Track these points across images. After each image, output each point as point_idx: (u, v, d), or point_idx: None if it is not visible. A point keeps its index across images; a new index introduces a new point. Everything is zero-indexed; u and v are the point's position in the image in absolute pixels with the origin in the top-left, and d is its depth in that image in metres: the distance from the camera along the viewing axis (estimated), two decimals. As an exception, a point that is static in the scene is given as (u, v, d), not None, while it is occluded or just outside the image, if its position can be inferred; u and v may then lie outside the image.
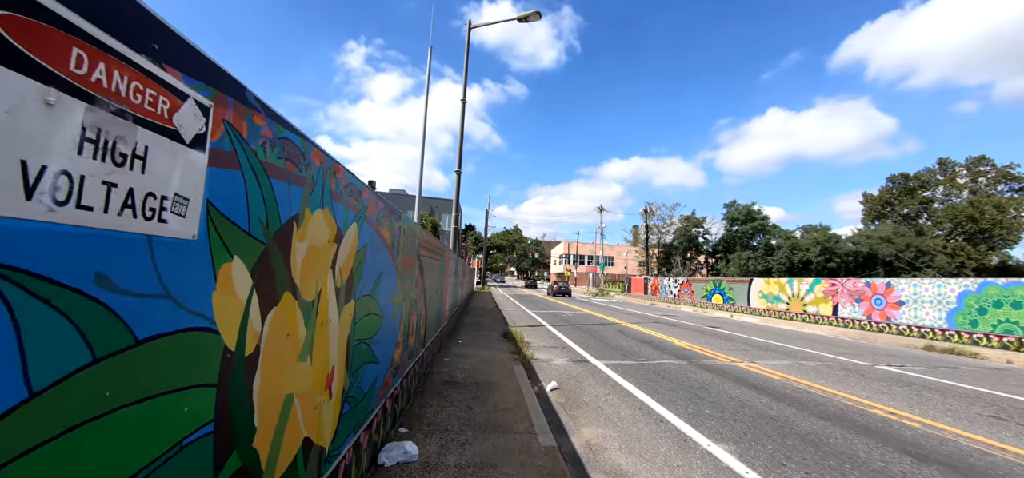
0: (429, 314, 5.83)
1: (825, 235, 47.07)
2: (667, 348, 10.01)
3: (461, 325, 11.73)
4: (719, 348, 10.31)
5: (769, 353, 9.90)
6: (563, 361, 8.10)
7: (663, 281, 32.49)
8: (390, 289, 3.33)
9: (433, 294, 6.20)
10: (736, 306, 23.10)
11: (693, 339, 11.73)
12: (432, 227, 39.46)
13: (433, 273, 6.08)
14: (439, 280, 6.88)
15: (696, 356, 9.12)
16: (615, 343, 10.48)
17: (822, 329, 16.02)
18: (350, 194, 2.36)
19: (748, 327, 16.12)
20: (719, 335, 12.93)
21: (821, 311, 17.68)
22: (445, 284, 8.15)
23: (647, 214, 49.37)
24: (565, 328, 13.12)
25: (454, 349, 8.06)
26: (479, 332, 10.59)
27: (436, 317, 6.71)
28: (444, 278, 7.79)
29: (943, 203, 55.84)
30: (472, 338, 9.57)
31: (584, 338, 11.10)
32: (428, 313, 5.70)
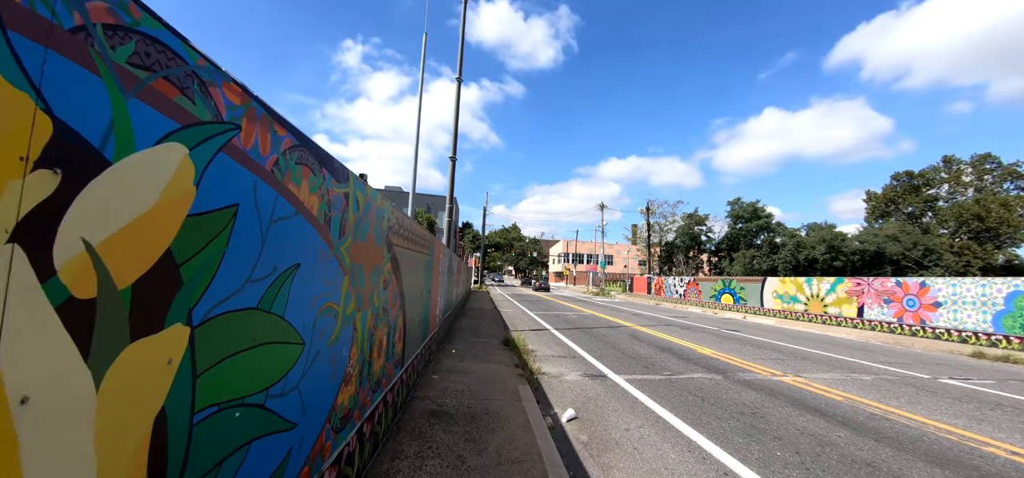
0: (410, 325, 4.48)
1: (831, 233, 46.03)
2: (692, 357, 8.70)
3: (456, 330, 10.39)
4: (750, 357, 9.01)
5: (810, 363, 8.60)
6: (576, 375, 6.77)
7: (668, 280, 31.23)
8: (322, 292, 1.97)
9: (417, 298, 4.85)
10: (748, 307, 21.85)
11: (715, 345, 10.44)
12: (428, 224, 38.04)
13: (416, 270, 4.73)
14: (425, 279, 5.53)
15: (729, 368, 7.81)
16: (631, 351, 9.16)
17: (848, 332, 14.77)
18: (175, 80, 1.02)
19: (768, 330, 14.85)
20: (743, 340, 11.63)
21: (844, 313, 16.44)
22: (435, 284, 6.80)
23: (648, 211, 48.12)
24: (572, 332, 11.80)
25: (446, 362, 6.71)
26: (476, 338, 9.24)
27: (421, 326, 5.36)
28: (433, 277, 6.44)
29: (948, 201, 55.01)
30: (468, 346, 8.23)
31: (595, 345, 9.78)
32: (408, 324, 4.35)
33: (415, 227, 4.63)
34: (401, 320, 3.98)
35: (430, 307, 6.32)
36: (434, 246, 6.33)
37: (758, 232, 46.87)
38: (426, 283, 5.58)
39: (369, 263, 2.79)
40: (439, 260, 7.32)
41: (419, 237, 4.88)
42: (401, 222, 3.87)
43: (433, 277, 6.42)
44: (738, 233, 46.66)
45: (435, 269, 6.68)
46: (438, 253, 7.03)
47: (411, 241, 4.37)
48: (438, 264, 7.13)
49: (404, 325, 4.11)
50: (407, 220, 4.19)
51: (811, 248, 44.57)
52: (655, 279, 33.51)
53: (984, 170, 53.67)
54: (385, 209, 3.26)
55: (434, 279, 6.58)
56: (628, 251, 78.45)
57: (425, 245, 5.38)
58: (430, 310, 6.36)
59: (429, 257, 5.84)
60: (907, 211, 57.23)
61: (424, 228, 7.10)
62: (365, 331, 2.77)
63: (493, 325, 11.80)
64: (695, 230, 49.26)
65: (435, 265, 6.64)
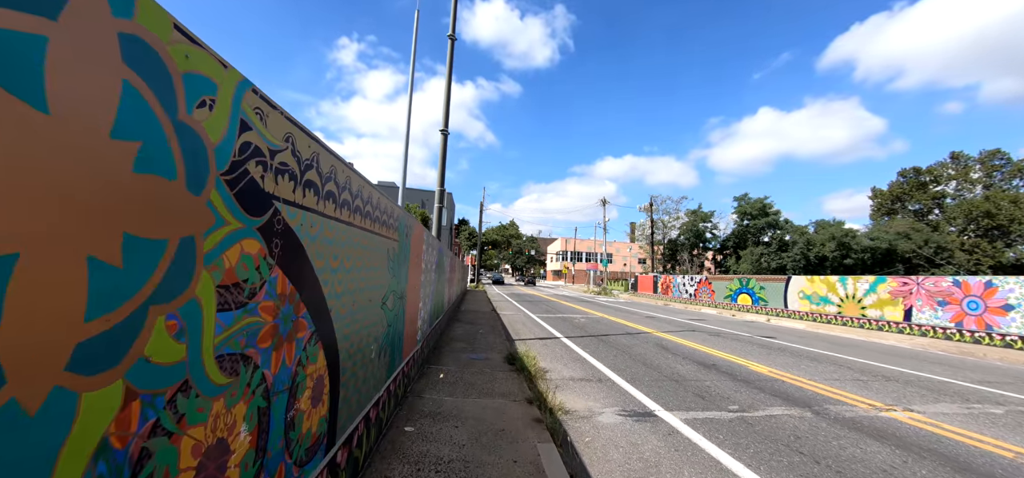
0: (354, 363, 2.50)
1: (840, 230, 44.47)
2: (748, 378, 6.76)
3: (448, 341, 8.39)
4: (819, 376, 7.09)
5: (901, 386, 6.69)
6: (614, 414, 4.81)
7: (676, 279, 29.36)
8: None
9: (371, 312, 2.85)
10: (769, 308, 20.00)
11: (764, 358, 8.52)
12: (421, 219, 35.93)
13: (370, 264, 2.74)
14: (391, 278, 3.52)
15: (808, 396, 5.88)
16: (668, 369, 7.21)
17: (897, 339, 12.91)
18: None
19: (806, 337, 12.96)
20: (791, 352, 9.72)
21: (887, 316, 14.59)
22: (413, 284, 4.80)
23: (651, 208, 46.27)
24: (587, 342, 9.84)
25: (430, 396, 4.73)
26: (472, 353, 7.26)
27: (382, 356, 3.37)
28: (410, 274, 4.43)
29: (955, 198, 53.71)
30: (462, 367, 6.24)
31: (620, 360, 7.82)
32: (348, 365, 2.37)
33: (367, 189, 2.64)
34: (321, 367, 1.98)
35: (406, 319, 4.33)
36: (408, 231, 4.31)
37: (765, 229, 45.18)
38: (393, 283, 3.58)
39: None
40: (421, 254, 5.32)
41: (375, 208, 2.87)
42: (317, 160, 1.87)
43: (410, 275, 4.42)
44: (745, 230, 44.94)
45: (413, 265, 4.67)
46: (418, 243, 5.02)
47: (352, 210, 2.37)
48: (420, 258, 5.13)
49: (329, 374, 2.11)
50: (343, 166, 2.20)
51: (821, 245, 43.01)
52: (662, 278, 31.64)
53: (993, 167, 52.34)
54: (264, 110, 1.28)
55: (412, 277, 4.58)
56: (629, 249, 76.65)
57: (390, 226, 3.37)
58: (406, 324, 4.36)
59: (400, 246, 3.83)
60: (913, 208, 55.95)
61: (420, 222, 5.11)
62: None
63: (492, 334, 9.81)
64: (700, 227, 47.48)
65: (413, 259, 4.64)
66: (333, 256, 2.08)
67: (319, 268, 1.91)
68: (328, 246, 2.01)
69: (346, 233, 2.28)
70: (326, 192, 1.98)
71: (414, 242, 4.66)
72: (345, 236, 2.26)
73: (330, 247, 2.04)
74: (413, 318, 4.89)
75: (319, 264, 1.91)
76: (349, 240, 2.33)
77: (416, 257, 4.85)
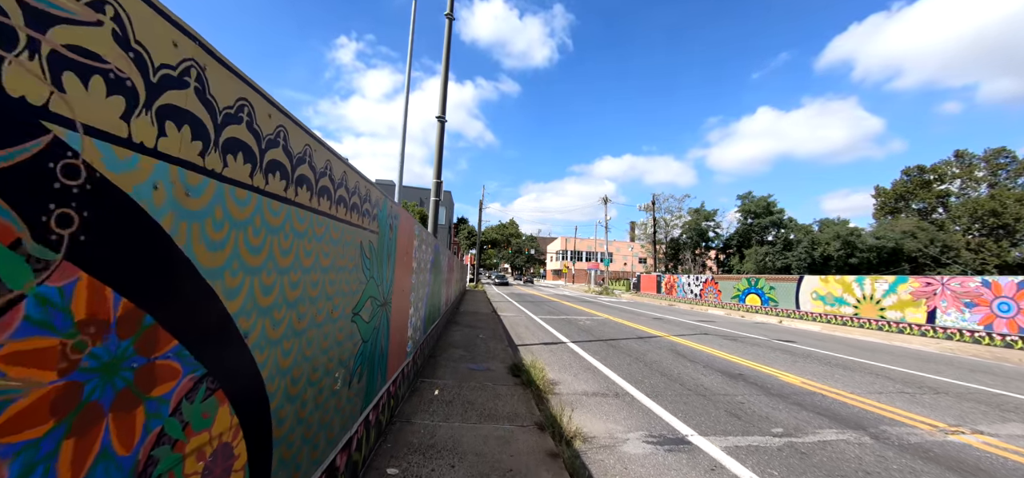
0: (304, 408, 1.71)
1: (845, 229, 43.82)
2: (783, 391, 6.00)
3: (445, 347, 7.62)
4: (860, 388, 6.32)
5: (954, 400, 5.93)
6: (640, 440, 4.04)
7: (680, 279, 28.61)
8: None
9: (326, 333, 2.08)
10: (780, 309, 19.25)
11: (791, 366, 7.76)
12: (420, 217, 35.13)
13: (324, 262, 1.96)
14: (368, 280, 2.74)
15: (856, 414, 5.11)
16: (690, 380, 6.45)
17: (922, 343, 12.16)
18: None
19: (826, 340, 12.20)
20: (820, 359, 8.96)
21: (908, 318, 13.84)
22: (402, 288, 4.02)
23: (654, 206, 45.48)
24: (596, 348, 9.07)
25: (421, 422, 3.95)
26: (472, 363, 6.48)
27: (360, 382, 2.60)
28: (392, 276, 3.65)
29: (960, 197, 53.17)
30: (460, 380, 5.46)
31: (636, 369, 7.05)
32: (295, 410, 1.57)
33: (323, 155, 1.86)
34: (225, 429, 1.20)
35: (391, 329, 3.54)
36: (393, 222, 3.52)
37: (769, 228, 44.46)
38: (371, 286, 2.79)
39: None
40: (412, 251, 4.54)
41: (338, 186, 2.09)
42: (204, 78, 1.08)
43: (397, 275, 3.64)
44: (749, 229, 44.21)
45: (401, 263, 3.89)
46: (407, 237, 4.24)
47: (293, 180, 1.58)
48: (410, 256, 4.35)
49: (247, 435, 1.33)
50: (274, 109, 1.41)
51: (826, 244, 42.36)
52: (666, 277, 30.89)
53: (998, 165, 51.75)
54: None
55: (399, 279, 3.80)
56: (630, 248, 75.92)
57: (365, 213, 2.58)
58: (392, 335, 3.58)
59: (382, 240, 3.05)
60: (917, 207, 55.46)
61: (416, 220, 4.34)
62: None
63: (493, 339, 9.03)
64: (703, 226, 46.73)
65: (401, 256, 3.85)
66: (251, 248, 1.30)
67: (214, 268, 1.14)
68: (237, 230, 1.23)
69: (281, 214, 1.50)
70: (230, 142, 1.20)
71: (402, 236, 3.88)
72: (277, 218, 1.48)
73: (242, 233, 1.26)
74: (401, 327, 4.11)
75: (214, 260, 1.13)
76: (287, 226, 1.55)
77: (405, 254, 4.06)
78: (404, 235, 4.00)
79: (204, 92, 1.10)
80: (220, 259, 1.16)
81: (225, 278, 1.18)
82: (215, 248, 1.14)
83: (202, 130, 1.09)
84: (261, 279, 1.38)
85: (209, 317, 1.12)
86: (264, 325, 1.41)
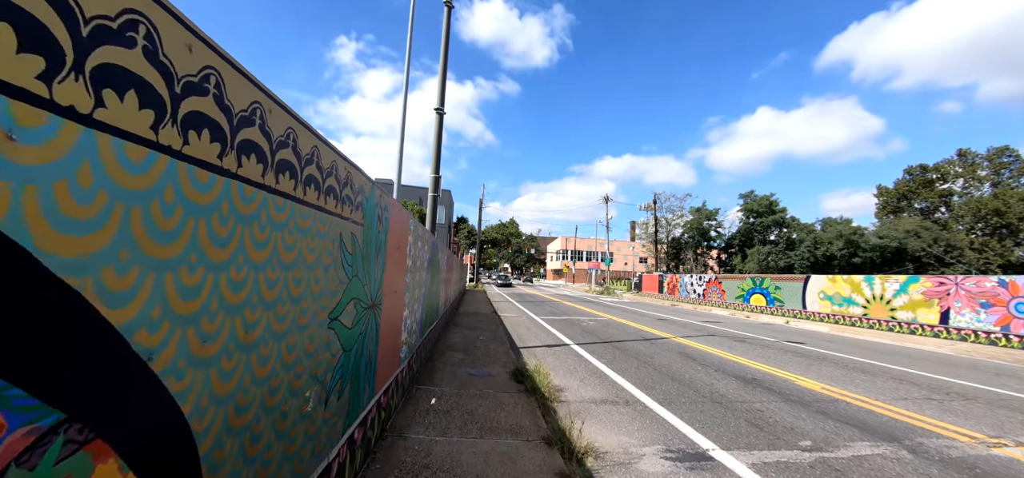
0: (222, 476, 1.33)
1: (848, 228, 43.45)
2: (803, 398, 5.62)
3: (443, 350, 7.24)
4: (883, 394, 5.94)
5: (985, 407, 5.54)
6: (658, 459, 3.65)
7: (683, 278, 28.23)
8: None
9: (292, 343, 1.69)
10: (786, 309, 18.87)
11: (806, 370, 7.38)
12: (419, 216, 34.72)
13: (288, 256, 1.57)
14: (351, 280, 2.35)
15: (891, 426, 4.74)
16: (704, 386, 6.06)
17: (936, 344, 11.79)
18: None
19: (837, 342, 11.83)
20: (835, 362, 8.57)
21: (920, 318, 13.47)
22: (395, 289, 3.63)
23: (655, 205, 45.07)
24: (601, 350, 8.68)
25: (415, 437, 3.57)
26: (472, 367, 6.10)
27: (318, 419, 2.21)
28: (382, 275, 3.27)
29: (962, 196, 52.89)
30: (459, 387, 5.08)
31: (645, 373, 6.67)
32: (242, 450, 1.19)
33: (284, 120, 1.48)
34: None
35: (381, 335, 3.16)
36: (382, 214, 3.14)
37: (772, 227, 44.07)
38: (355, 286, 2.40)
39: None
40: (406, 247, 4.16)
41: (306, 162, 1.70)
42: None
43: (387, 274, 3.25)
44: (751, 228, 43.81)
45: (394, 261, 3.50)
46: (400, 232, 3.85)
47: (232, 146, 1.20)
48: (403, 252, 3.96)
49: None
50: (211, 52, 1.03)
51: (829, 244, 42.01)
52: (669, 277, 30.51)
53: (1001, 164, 51.43)
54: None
55: (391, 278, 3.41)
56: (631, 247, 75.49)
57: (345, 200, 2.19)
58: (382, 341, 3.19)
59: (369, 235, 2.66)
60: (920, 206, 55.21)
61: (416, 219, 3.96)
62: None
63: (494, 341, 8.65)
64: (704, 225, 46.32)
65: (393, 253, 3.46)
66: (156, 232, 0.92)
67: (77, 259, 0.75)
68: (127, 203, 0.85)
69: (214, 189, 1.11)
70: (99, 69, 0.81)
71: (394, 231, 3.49)
72: (207, 195, 1.09)
73: (137, 209, 0.87)
74: (394, 331, 3.72)
75: (76, 247, 0.75)
76: (224, 205, 1.16)
77: (397, 250, 3.68)
78: (397, 230, 3.61)
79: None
80: (92, 245, 0.78)
81: (101, 275, 0.80)
82: (76, 229, 0.75)
83: (77, 71, 0.71)
84: (179, 277, 1.00)
85: (66, 332, 0.74)
86: (184, 340, 1.03)
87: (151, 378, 0.92)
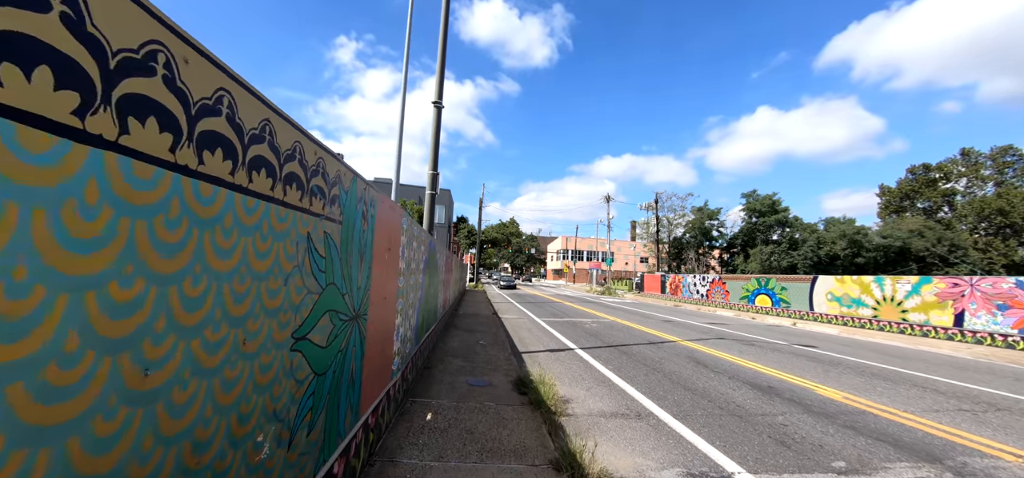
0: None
1: (851, 227, 43.08)
2: (826, 409, 5.23)
3: (441, 356, 6.86)
4: (917, 407, 5.55)
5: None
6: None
7: (686, 279, 27.84)
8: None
9: (223, 381, 1.30)
10: (793, 310, 18.47)
11: (824, 377, 6.99)
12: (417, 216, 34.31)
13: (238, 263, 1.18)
14: (325, 288, 1.96)
15: (926, 442, 4.35)
16: (719, 395, 5.68)
17: (952, 348, 11.41)
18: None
19: (851, 345, 11.44)
20: (855, 368, 8.18)
21: (933, 321, 13.07)
22: (380, 293, 3.24)
23: (657, 204, 44.68)
24: (607, 355, 8.29)
25: (408, 457, 3.18)
26: (471, 376, 5.71)
27: (282, 462, 1.81)
28: (369, 280, 2.88)
29: (966, 196, 52.53)
30: (458, 399, 4.69)
31: (655, 381, 6.28)
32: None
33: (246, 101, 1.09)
34: None
35: (367, 350, 2.76)
36: (367, 209, 2.75)
37: (775, 227, 43.67)
38: (331, 296, 2.01)
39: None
40: (398, 247, 3.77)
41: (267, 146, 1.31)
42: None
43: (375, 278, 2.86)
44: (754, 228, 43.41)
45: (383, 263, 3.11)
46: (390, 232, 3.46)
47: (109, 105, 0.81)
48: (394, 254, 3.58)
49: None
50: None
51: (832, 244, 41.63)
52: (671, 277, 30.12)
53: (1005, 163, 51.05)
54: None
55: (380, 283, 3.02)
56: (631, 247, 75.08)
57: (321, 195, 1.80)
58: (368, 359, 2.80)
59: (347, 235, 2.27)
60: (922, 206, 54.89)
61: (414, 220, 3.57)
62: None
63: (495, 345, 8.26)
64: (706, 225, 45.91)
65: (382, 254, 3.07)
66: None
67: None
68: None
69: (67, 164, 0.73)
70: None
71: (383, 229, 3.10)
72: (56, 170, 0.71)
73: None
74: (384, 341, 3.33)
75: None
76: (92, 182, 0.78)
77: (388, 252, 3.29)
78: (387, 229, 3.22)
79: None
80: None
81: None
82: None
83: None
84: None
85: None
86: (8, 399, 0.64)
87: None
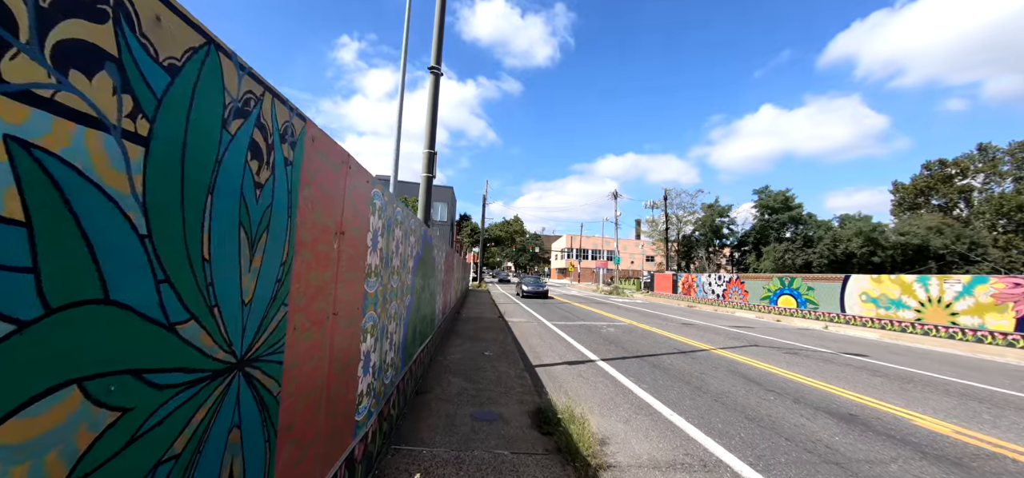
0: None
1: (868, 225, 41.56)
2: (950, 455, 3.94)
3: (439, 375, 5.60)
4: (1053, 445, 4.25)
5: None
6: None
7: (700, 278, 26.49)
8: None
9: None
10: (821, 312, 17.11)
11: (902, 398, 5.69)
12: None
13: None
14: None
15: None
16: (797, 432, 4.39)
17: (1015, 355, 10.05)
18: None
19: (899, 352, 10.10)
20: (938, 387, 6.86)
21: (989, 325, 11.70)
22: (319, 313, 1.98)
23: (665, 202, 43.26)
24: (635, 368, 7.01)
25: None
26: (477, 406, 4.45)
27: None
28: (289, 281, 1.59)
29: (983, 192, 50.90)
30: (460, 446, 3.43)
31: (707, 407, 5.00)
32: None
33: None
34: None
35: (279, 438, 1.51)
36: (292, 147, 1.44)
37: (788, 224, 42.17)
38: (115, 339, 0.76)
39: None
40: (367, 238, 2.50)
41: None
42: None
43: (315, 281, 1.61)
44: (766, 225, 41.91)
45: (333, 259, 1.85)
46: (351, 205, 2.18)
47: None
48: (360, 242, 2.32)
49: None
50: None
51: (847, 241, 40.14)
52: (684, 276, 28.76)
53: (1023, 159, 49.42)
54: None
55: (324, 294, 1.76)
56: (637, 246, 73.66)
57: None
58: (282, 444, 1.54)
59: (234, 178, 1.01)
60: (938, 203, 53.29)
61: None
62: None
63: (503, 358, 6.99)
64: (717, 222, 44.46)
65: (328, 239, 1.81)
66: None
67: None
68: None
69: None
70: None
71: (333, 199, 1.84)
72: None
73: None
74: (340, 383, 2.07)
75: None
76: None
77: (343, 236, 2.02)
78: (336, 194, 1.95)
79: None
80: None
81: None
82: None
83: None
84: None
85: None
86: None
87: None
